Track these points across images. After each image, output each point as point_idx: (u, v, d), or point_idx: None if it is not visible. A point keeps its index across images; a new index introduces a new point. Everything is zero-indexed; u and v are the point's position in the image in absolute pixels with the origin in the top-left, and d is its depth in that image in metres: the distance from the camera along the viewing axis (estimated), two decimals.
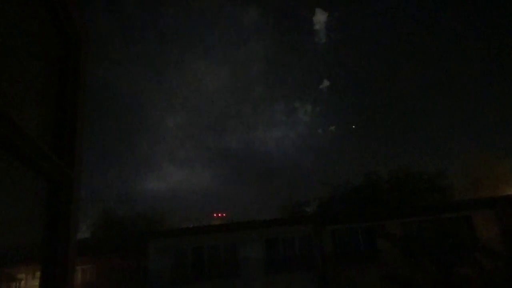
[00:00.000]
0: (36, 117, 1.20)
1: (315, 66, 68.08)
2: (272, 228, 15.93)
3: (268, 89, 71.98)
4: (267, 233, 15.74)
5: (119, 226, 27.63)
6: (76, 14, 1.40)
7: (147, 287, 15.13)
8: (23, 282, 1.12)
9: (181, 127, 64.62)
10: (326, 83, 64.04)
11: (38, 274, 1.15)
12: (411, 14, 60.96)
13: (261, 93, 70.30)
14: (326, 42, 64.01)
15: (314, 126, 64.62)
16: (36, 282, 1.13)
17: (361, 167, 40.49)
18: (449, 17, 56.49)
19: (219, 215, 34.41)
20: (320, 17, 61.13)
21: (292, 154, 62.66)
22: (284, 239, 15.65)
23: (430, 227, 14.97)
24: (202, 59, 67.15)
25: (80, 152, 1.34)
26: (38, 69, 1.26)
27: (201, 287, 15.03)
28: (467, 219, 14.97)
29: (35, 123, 1.18)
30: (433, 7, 57.75)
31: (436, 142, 51.55)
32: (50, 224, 1.19)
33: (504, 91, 50.33)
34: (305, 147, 63.46)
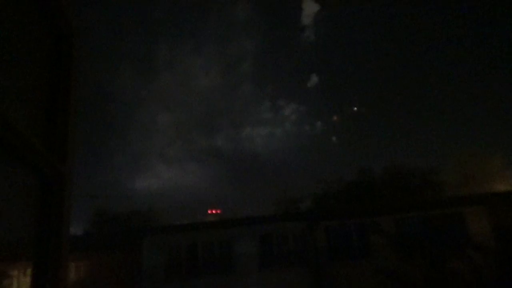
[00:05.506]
0: (27, 113, 1.19)
1: (305, 62, 68.14)
2: (266, 225, 15.98)
3: (257, 86, 71.99)
4: (262, 229, 15.78)
5: (113, 223, 27.54)
6: (69, 9, 1.38)
7: (141, 284, 15.11)
8: (15, 279, 1.11)
9: (172, 125, 64.44)
10: (314, 79, 64.11)
11: (30, 271, 1.14)
12: (402, 10, 61.14)
13: (250, 91, 70.29)
14: (315, 38, 64.06)
15: (302, 123, 64.77)
16: (29, 279, 1.12)
17: (355, 164, 40.72)
18: (441, 14, 56.77)
19: (214, 211, 34.42)
20: (310, 9, 61.01)
21: (284, 151, 62.80)
22: (278, 235, 15.70)
23: (422, 223, 15.11)
24: (191, 57, 66.93)
25: (72, 147, 1.33)
26: (30, 64, 1.24)
27: (195, 283, 15.04)
28: (459, 215, 15.13)
29: (27, 119, 1.17)
30: (426, 4, 57.97)
31: (429, 139, 51.95)
32: (42, 220, 1.18)
33: (496, 89, 50.80)
34: (296, 144, 63.61)
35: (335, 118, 60.60)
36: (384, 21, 62.65)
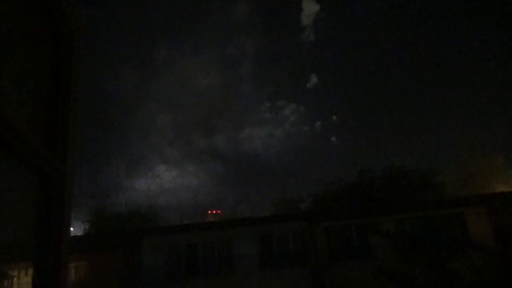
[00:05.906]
0: (28, 113, 1.19)
1: (304, 62, 68.22)
2: (266, 225, 15.97)
3: (257, 87, 72.09)
4: (261, 229, 15.78)
5: (113, 223, 27.52)
6: (69, 9, 1.38)
7: (141, 284, 15.11)
8: (15, 279, 1.11)
9: (171, 125, 64.48)
10: (314, 80, 64.11)
11: (30, 271, 1.14)
12: (401, 11, 61.21)
13: (249, 91, 70.41)
14: (315, 38, 64.10)
15: (302, 123, 64.84)
16: (29, 279, 1.12)
17: (355, 164, 40.74)
18: (440, 14, 56.86)
19: (214, 212, 34.46)
20: (310, 9, 61.09)
21: (283, 151, 62.84)
22: (278, 235, 15.70)
23: (422, 223, 15.10)
24: (191, 57, 67.05)
25: (73, 148, 1.33)
26: (31, 65, 1.24)
27: (195, 283, 15.04)
28: (459, 215, 15.13)
29: (28, 119, 1.17)
30: (425, 5, 58.03)
31: (429, 139, 51.98)
32: (42, 220, 1.18)
33: (496, 89, 50.86)
34: (295, 144, 63.61)
35: (334, 118, 60.66)
36: (384, 21, 62.70)
